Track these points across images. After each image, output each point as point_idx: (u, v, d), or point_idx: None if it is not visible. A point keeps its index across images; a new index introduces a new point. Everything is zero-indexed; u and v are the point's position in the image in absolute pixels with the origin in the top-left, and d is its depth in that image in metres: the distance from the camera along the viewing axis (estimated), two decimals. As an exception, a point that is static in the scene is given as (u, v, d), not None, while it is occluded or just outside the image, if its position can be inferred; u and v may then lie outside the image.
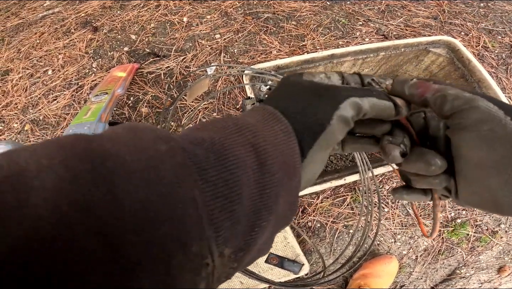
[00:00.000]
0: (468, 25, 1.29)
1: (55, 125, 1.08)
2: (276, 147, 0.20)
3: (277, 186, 0.20)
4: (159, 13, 1.32)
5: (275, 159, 0.20)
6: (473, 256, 0.96)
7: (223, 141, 0.19)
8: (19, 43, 1.31)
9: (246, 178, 0.18)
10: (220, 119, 0.21)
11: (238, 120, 0.21)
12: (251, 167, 0.19)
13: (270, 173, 0.19)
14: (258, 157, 0.19)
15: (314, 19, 1.29)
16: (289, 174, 0.20)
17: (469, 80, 0.90)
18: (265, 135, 0.20)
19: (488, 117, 0.21)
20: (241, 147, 0.19)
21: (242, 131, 0.20)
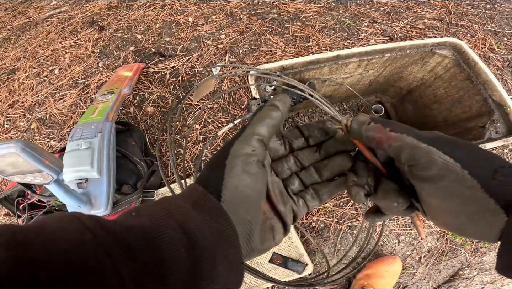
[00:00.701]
0: (474, 27, 1.29)
1: (61, 124, 1.09)
2: (205, 224, 0.22)
3: (212, 258, 0.21)
4: (165, 13, 1.33)
5: (206, 235, 0.21)
6: (476, 257, 0.96)
7: (153, 226, 0.20)
8: (26, 42, 1.33)
9: (178, 253, 0.19)
10: (153, 204, 0.23)
11: (170, 205, 0.22)
12: (182, 243, 0.20)
13: (201, 247, 0.21)
14: (187, 235, 0.20)
15: (319, 20, 1.30)
16: (224, 245, 0.22)
17: (475, 82, 0.90)
18: (194, 216, 0.22)
19: (445, 173, 0.22)
20: (171, 229, 0.20)
21: (172, 215, 0.21)
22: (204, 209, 0.22)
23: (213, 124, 1.04)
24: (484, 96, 0.88)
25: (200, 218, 0.22)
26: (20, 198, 0.83)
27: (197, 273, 0.20)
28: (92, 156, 0.77)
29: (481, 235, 0.22)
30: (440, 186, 0.22)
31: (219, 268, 0.21)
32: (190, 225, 0.21)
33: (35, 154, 0.52)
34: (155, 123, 1.06)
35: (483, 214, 0.21)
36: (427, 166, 0.22)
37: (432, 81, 1.08)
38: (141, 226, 0.20)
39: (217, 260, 0.21)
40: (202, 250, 0.21)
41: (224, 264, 0.21)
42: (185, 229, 0.21)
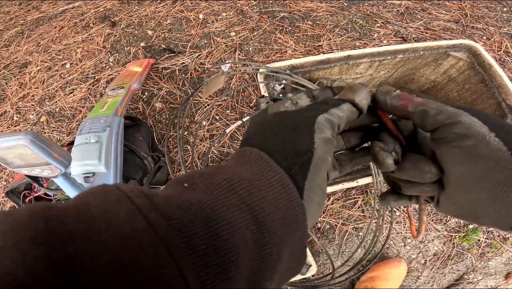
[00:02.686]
0: (490, 29, 1.26)
1: (71, 117, 1.10)
2: (275, 202, 0.19)
3: (279, 244, 0.18)
4: (176, 9, 1.33)
5: (275, 216, 0.18)
6: (482, 262, 0.94)
7: (213, 205, 0.17)
8: (38, 36, 1.34)
9: (242, 241, 0.17)
10: (210, 173, 0.19)
11: (231, 176, 0.19)
12: (248, 228, 0.17)
13: (269, 231, 0.18)
14: (255, 217, 0.18)
15: (330, 20, 1.28)
16: (291, 228, 0.19)
17: (489, 86, 0.88)
18: (262, 192, 0.19)
19: (471, 133, 0.20)
20: (234, 208, 0.17)
21: (235, 190, 0.18)
22: (271, 182, 0.19)
23: (221, 121, 1.04)
24: (498, 100, 0.86)
25: (269, 194, 0.19)
26: (27, 191, 0.84)
27: (262, 262, 0.18)
28: (100, 150, 0.77)
29: (498, 218, 0.21)
30: (465, 147, 0.20)
31: (283, 254, 0.19)
32: (258, 204, 0.18)
33: (44, 146, 0.52)
34: (163, 119, 1.06)
35: (508, 185, 0.19)
36: (452, 126, 0.21)
37: (445, 84, 1.06)
38: (199, 204, 0.17)
39: (283, 246, 0.19)
40: (270, 235, 0.18)
41: (288, 249, 0.19)
42: (251, 208, 0.18)
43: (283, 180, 0.20)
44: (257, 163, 0.20)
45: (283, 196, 0.19)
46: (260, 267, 0.18)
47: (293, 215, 0.19)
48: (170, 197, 0.17)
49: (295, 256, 0.20)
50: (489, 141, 0.20)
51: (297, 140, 0.21)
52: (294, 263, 0.21)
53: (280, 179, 0.20)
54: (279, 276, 0.19)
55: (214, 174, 0.19)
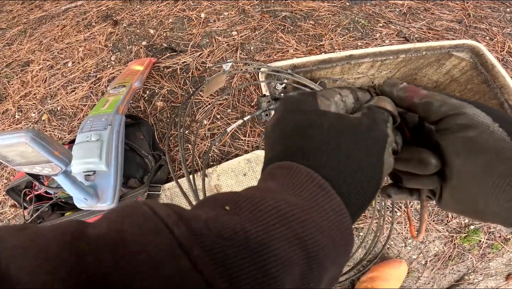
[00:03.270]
0: (493, 30, 1.25)
1: (72, 116, 1.11)
2: (328, 233, 0.17)
3: (324, 275, 0.17)
4: (178, 8, 1.33)
5: (326, 248, 0.17)
6: (483, 263, 0.94)
7: (261, 237, 0.15)
8: (41, 35, 1.35)
9: (290, 277, 0.15)
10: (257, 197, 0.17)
11: (280, 203, 0.17)
12: (297, 263, 0.16)
13: (319, 265, 0.17)
14: (306, 251, 0.16)
15: (332, 19, 1.28)
16: (338, 257, 0.18)
17: (492, 86, 0.88)
18: (316, 222, 0.17)
19: (475, 124, 0.20)
20: (284, 242, 0.16)
21: (285, 221, 0.16)
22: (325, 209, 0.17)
23: (222, 120, 1.04)
24: (501, 100, 0.85)
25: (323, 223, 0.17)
26: (28, 189, 0.84)
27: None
28: (101, 148, 0.77)
29: (502, 212, 0.20)
30: (469, 137, 0.20)
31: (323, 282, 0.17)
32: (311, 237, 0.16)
33: (45, 144, 0.52)
34: (164, 117, 1.06)
35: (511, 177, 0.19)
36: (456, 117, 0.21)
37: (447, 84, 1.05)
38: (245, 234, 0.15)
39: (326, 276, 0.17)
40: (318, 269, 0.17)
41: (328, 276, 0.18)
42: (303, 241, 0.16)
43: (339, 208, 0.18)
44: (308, 186, 0.18)
45: (338, 225, 0.18)
46: None
47: (343, 245, 0.18)
48: (210, 220, 0.15)
49: (331, 279, 0.19)
50: (492, 132, 0.20)
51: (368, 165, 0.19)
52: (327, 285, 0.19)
53: (335, 206, 0.18)
54: None
55: (260, 199, 0.17)
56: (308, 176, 0.18)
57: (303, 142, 0.20)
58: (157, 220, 0.15)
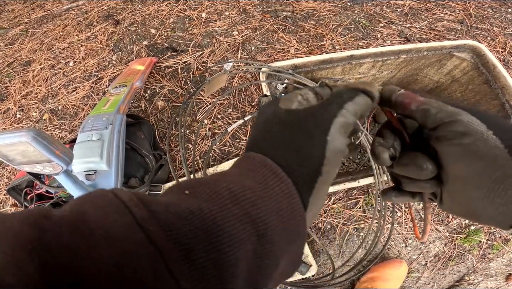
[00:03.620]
0: (495, 30, 1.25)
1: (73, 115, 1.11)
2: (278, 213, 0.18)
3: (278, 254, 0.18)
4: (179, 8, 1.34)
5: (276, 227, 0.18)
6: (483, 263, 0.94)
7: (214, 216, 0.17)
8: (42, 34, 1.35)
9: (243, 253, 0.17)
10: (213, 180, 0.19)
11: (234, 185, 0.18)
12: (249, 239, 0.17)
13: (270, 243, 0.18)
14: (257, 229, 0.17)
15: (333, 20, 1.28)
16: (292, 239, 0.19)
17: (493, 86, 0.87)
18: (265, 203, 0.18)
19: (470, 131, 0.21)
20: (235, 220, 0.17)
21: (238, 200, 0.18)
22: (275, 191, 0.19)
23: (223, 120, 1.04)
24: (502, 101, 0.85)
25: (272, 204, 0.18)
26: (28, 188, 0.84)
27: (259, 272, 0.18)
28: (102, 147, 0.77)
29: (498, 216, 0.21)
30: (464, 144, 0.21)
31: (281, 263, 0.19)
32: (260, 216, 0.18)
33: (46, 143, 0.52)
34: (165, 117, 1.07)
35: (506, 182, 0.20)
36: (452, 125, 0.22)
37: (448, 85, 1.05)
38: (201, 214, 0.16)
39: (282, 255, 0.19)
40: (270, 246, 0.18)
41: (286, 257, 0.19)
42: (253, 220, 0.17)
43: (288, 191, 0.19)
44: (261, 169, 0.20)
45: (287, 206, 0.19)
46: (257, 277, 0.18)
47: (294, 226, 0.19)
48: (171, 204, 0.17)
49: (291, 263, 0.20)
50: (486, 139, 0.20)
51: (308, 148, 0.20)
52: (289, 269, 0.21)
53: (285, 189, 0.19)
54: (273, 284, 0.19)
55: (216, 182, 0.19)
56: (262, 162, 0.20)
57: (260, 136, 0.23)
58: (119, 202, 0.16)
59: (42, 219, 0.14)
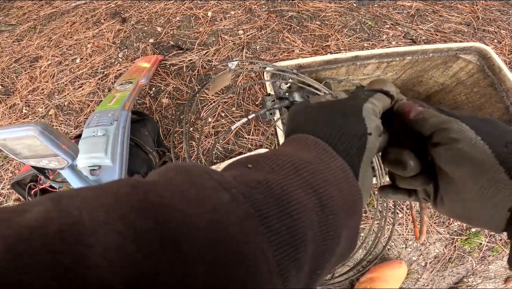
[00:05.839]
0: (502, 32, 1.24)
1: (79, 111, 1.12)
2: (337, 185, 0.19)
3: (340, 226, 0.19)
4: (185, 6, 1.34)
5: (337, 199, 0.19)
6: (482, 265, 0.94)
7: (281, 185, 0.17)
8: (50, 31, 1.37)
9: (309, 222, 0.17)
10: (272, 155, 0.20)
11: (294, 158, 0.19)
12: (313, 209, 0.18)
13: (333, 214, 0.18)
14: (319, 199, 0.18)
15: (339, 20, 1.28)
16: (351, 212, 0.20)
17: (498, 89, 0.87)
18: (325, 175, 0.19)
19: (461, 137, 0.22)
20: (300, 190, 0.18)
21: (299, 172, 0.19)
22: (331, 166, 0.20)
23: (227, 118, 1.05)
24: (507, 104, 0.85)
25: (331, 177, 0.19)
26: (32, 183, 0.85)
27: (324, 245, 0.18)
28: (106, 143, 0.78)
29: (489, 219, 0.22)
30: (455, 149, 0.23)
31: (342, 238, 0.19)
32: (322, 186, 0.19)
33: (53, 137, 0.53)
34: (169, 114, 1.08)
35: (494, 186, 0.21)
36: (445, 131, 0.23)
37: (453, 87, 1.04)
38: (267, 184, 0.17)
39: (343, 229, 0.19)
40: (333, 217, 0.18)
41: (346, 233, 0.20)
42: (316, 190, 0.18)
43: (342, 166, 0.21)
44: (315, 148, 0.21)
45: (344, 180, 0.20)
46: (322, 250, 0.18)
47: (352, 200, 0.20)
48: (238, 176, 0.18)
49: (350, 240, 0.21)
50: (475, 144, 0.22)
51: (351, 126, 0.22)
52: (347, 248, 0.21)
53: (339, 164, 0.20)
54: (333, 262, 0.20)
55: (276, 156, 0.20)
56: (314, 141, 0.22)
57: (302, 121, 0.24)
58: (200, 169, 0.17)
59: (142, 183, 0.15)
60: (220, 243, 0.14)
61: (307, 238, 0.17)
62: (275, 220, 0.16)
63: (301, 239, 0.16)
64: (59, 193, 0.15)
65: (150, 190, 0.15)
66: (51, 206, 0.13)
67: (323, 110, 0.24)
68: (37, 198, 0.15)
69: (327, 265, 0.19)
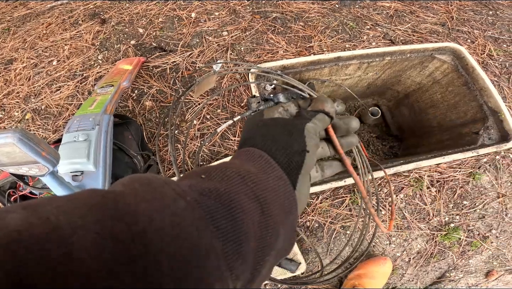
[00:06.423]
0: (475, 32, 1.29)
1: (57, 115, 1.09)
2: (275, 192, 0.24)
3: (277, 225, 0.23)
4: (168, 7, 1.33)
5: (274, 203, 0.23)
6: (463, 260, 0.97)
7: (229, 192, 0.21)
8: (25, 33, 1.32)
9: (251, 222, 0.21)
10: (223, 167, 0.24)
11: (240, 170, 0.24)
12: (255, 212, 0.22)
13: (271, 216, 0.22)
14: (260, 204, 0.22)
15: (322, 21, 1.30)
16: (287, 213, 0.24)
17: (471, 88, 0.91)
18: (265, 184, 0.23)
19: None
20: (244, 196, 0.22)
21: (244, 181, 0.23)
22: (271, 176, 0.24)
23: (212, 120, 1.04)
24: (480, 102, 0.89)
25: (270, 185, 0.24)
26: (12, 190, 0.82)
27: (264, 241, 0.22)
28: (88, 148, 0.76)
29: None
30: None
31: (280, 236, 0.23)
32: (262, 193, 0.23)
33: (33, 144, 0.52)
34: (153, 117, 1.06)
35: None
36: None
37: (429, 86, 1.09)
38: (217, 192, 0.21)
39: (280, 228, 0.23)
40: (271, 218, 0.22)
41: (283, 231, 0.24)
42: (257, 196, 0.22)
43: (281, 175, 0.25)
44: (259, 160, 0.25)
45: (281, 188, 0.24)
46: (262, 245, 0.22)
47: (288, 203, 0.24)
48: (192, 185, 0.21)
49: (288, 237, 0.25)
50: None
51: (293, 143, 0.27)
52: (287, 244, 0.25)
53: (278, 174, 0.25)
54: (274, 255, 0.24)
55: (226, 168, 0.24)
56: (260, 155, 0.26)
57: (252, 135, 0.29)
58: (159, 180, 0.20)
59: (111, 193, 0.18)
60: (179, 240, 0.17)
61: (249, 236, 0.20)
62: (222, 221, 0.19)
63: (245, 237, 0.20)
64: (31, 202, 0.17)
65: (119, 199, 0.18)
66: (28, 213, 0.15)
67: (272, 127, 0.29)
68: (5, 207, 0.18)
69: (268, 258, 0.22)
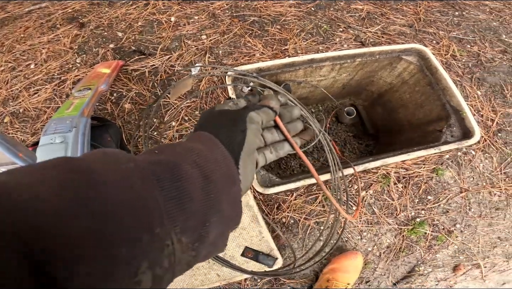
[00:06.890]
0: (440, 33, 1.35)
1: (35, 118, 1.09)
2: (217, 164, 0.28)
3: (219, 191, 0.27)
4: (147, 11, 1.34)
5: (216, 172, 0.27)
6: (430, 254, 1.02)
7: (174, 162, 0.25)
8: (2, 37, 1.31)
9: (193, 186, 0.25)
10: (173, 145, 0.29)
11: (187, 145, 0.28)
12: (198, 178, 0.25)
13: (212, 182, 0.26)
14: (203, 172, 0.26)
15: (298, 24, 1.34)
16: (229, 182, 0.28)
17: (435, 88, 0.96)
18: (208, 156, 0.28)
19: None
20: (188, 165, 0.26)
21: (190, 154, 0.27)
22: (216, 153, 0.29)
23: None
24: (443, 101, 0.94)
25: (213, 158, 0.28)
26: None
27: (208, 203, 0.25)
28: (66, 150, 0.77)
29: None
30: None
31: (223, 202, 0.27)
32: (205, 164, 0.27)
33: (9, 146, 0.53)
34: (132, 120, 1.07)
35: None
36: None
37: (399, 86, 1.14)
38: (166, 162, 0.25)
39: (223, 195, 0.27)
40: (214, 185, 0.26)
41: (227, 198, 0.27)
42: (200, 166, 0.26)
43: (224, 153, 0.29)
44: (207, 141, 0.30)
45: (224, 161, 0.29)
46: (207, 207, 0.25)
47: (230, 174, 0.29)
48: (146, 158, 0.25)
49: (232, 205, 0.28)
50: None
51: (236, 128, 0.32)
52: (232, 213, 0.29)
53: (221, 150, 0.29)
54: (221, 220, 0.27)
55: (176, 145, 0.28)
56: (208, 136, 0.31)
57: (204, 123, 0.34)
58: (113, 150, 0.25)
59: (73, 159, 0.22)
60: (128, 190, 0.21)
61: (192, 197, 0.24)
62: (167, 182, 0.23)
63: (187, 197, 0.24)
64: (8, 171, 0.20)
65: (76, 160, 0.22)
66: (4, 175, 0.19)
67: (220, 116, 0.34)
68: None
69: (214, 220, 0.26)
